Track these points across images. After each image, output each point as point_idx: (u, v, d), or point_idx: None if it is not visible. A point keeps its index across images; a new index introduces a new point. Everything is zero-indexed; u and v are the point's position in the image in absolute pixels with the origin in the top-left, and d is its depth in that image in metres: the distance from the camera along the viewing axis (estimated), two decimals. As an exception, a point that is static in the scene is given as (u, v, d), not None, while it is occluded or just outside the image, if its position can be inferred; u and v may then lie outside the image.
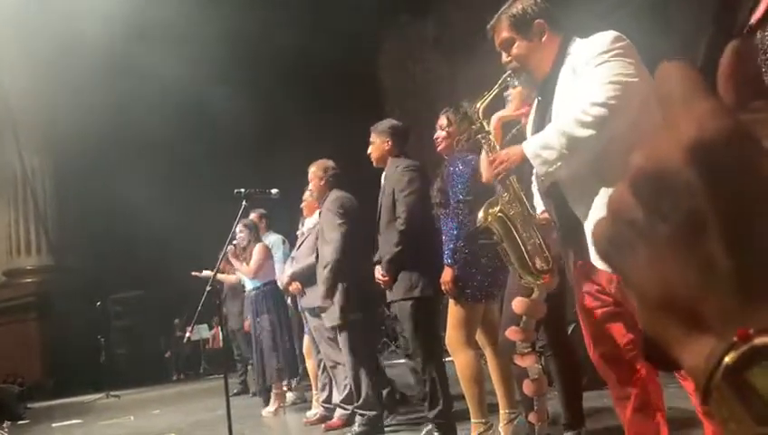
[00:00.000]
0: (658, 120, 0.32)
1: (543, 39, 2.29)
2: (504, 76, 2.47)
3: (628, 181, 0.31)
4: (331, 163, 5.06)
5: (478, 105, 2.53)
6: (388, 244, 4.08)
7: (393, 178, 4.17)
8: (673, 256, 0.29)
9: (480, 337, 3.80)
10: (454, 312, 3.65)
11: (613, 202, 0.31)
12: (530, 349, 3.03)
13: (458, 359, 3.66)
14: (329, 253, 4.66)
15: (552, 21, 2.30)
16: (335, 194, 4.85)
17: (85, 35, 10.92)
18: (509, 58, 2.35)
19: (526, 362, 3.02)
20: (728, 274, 0.27)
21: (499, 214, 2.39)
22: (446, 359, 4.06)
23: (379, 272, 4.11)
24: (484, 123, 2.56)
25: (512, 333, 3.04)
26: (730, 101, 0.31)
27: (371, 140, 4.38)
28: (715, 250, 0.28)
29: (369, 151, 4.39)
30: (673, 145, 0.29)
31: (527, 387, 3.00)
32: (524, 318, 3.01)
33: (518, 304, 3.03)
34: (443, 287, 3.63)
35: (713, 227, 0.28)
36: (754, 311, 0.27)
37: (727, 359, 0.27)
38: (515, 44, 2.31)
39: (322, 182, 4.99)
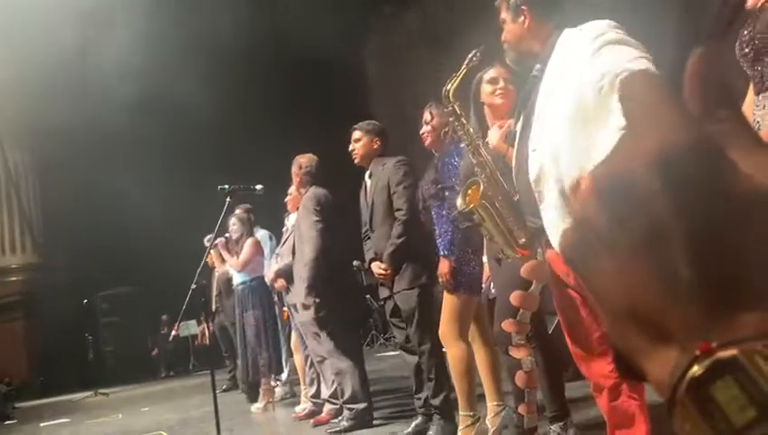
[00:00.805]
0: None
1: (525, 25, 2.30)
2: (471, 55, 2.49)
3: (593, 189, 0.30)
4: (305, 159, 5.06)
5: (448, 87, 2.54)
6: (386, 238, 4.07)
7: (385, 173, 4.18)
8: (637, 267, 0.28)
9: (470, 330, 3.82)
10: (449, 304, 3.64)
11: (579, 210, 0.31)
12: (524, 341, 3.05)
13: (452, 351, 3.65)
14: (308, 251, 4.68)
15: (539, 9, 2.30)
16: (313, 190, 4.86)
17: (67, 32, 10.82)
18: (503, 39, 2.40)
19: (520, 353, 3.04)
20: (691, 285, 0.27)
21: (482, 201, 2.39)
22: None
23: (378, 267, 4.08)
24: (456, 106, 2.57)
25: (508, 325, 3.05)
26: (696, 110, 0.31)
27: (357, 137, 4.37)
28: (679, 261, 0.27)
29: (352, 149, 4.38)
30: (638, 155, 0.29)
31: (519, 378, 3.01)
32: (521, 311, 3.03)
33: (516, 296, 3.04)
34: (440, 279, 3.62)
35: (676, 238, 0.27)
36: (718, 323, 0.27)
37: (690, 373, 0.27)
38: (505, 26, 2.34)
39: (298, 179, 5.03)
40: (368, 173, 4.36)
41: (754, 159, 0.28)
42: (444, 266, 3.58)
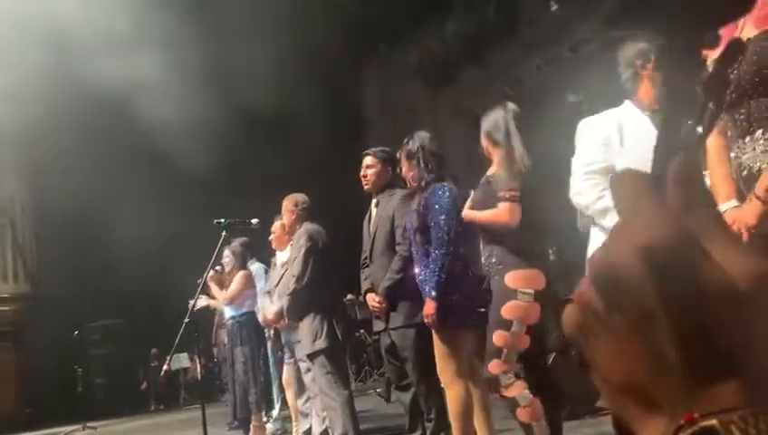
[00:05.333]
0: None
1: None
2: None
3: (590, 276, 0.35)
4: (301, 197, 5.10)
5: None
6: (384, 270, 4.03)
7: (391, 205, 4.16)
8: (629, 346, 0.33)
9: None
10: (440, 343, 3.58)
11: (579, 293, 0.35)
12: (513, 379, 3.03)
13: (452, 391, 3.56)
14: (293, 281, 4.74)
15: None
16: (305, 227, 4.89)
17: (63, 61, 10.88)
18: None
19: (514, 391, 3.01)
20: (676, 363, 0.31)
21: None
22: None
23: (373, 299, 4.03)
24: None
25: (494, 366, 3.03)
26: (677, 207, 0.35)
27: (370, 163, 4.33)
28: (664, 342, 0.32)
29: (364, 175, 4.33)
30: (627, 247, 0.33)
31: (522, 415, 2.99)
32: (506, 351, 3.02)
33: (498, 337, 3.03)
34: (426, 320, 3.55)
35: (662, 322, 0.32)
36: (700, 396, 0.31)
37: None
38: None
39: (294, 216, 5.04)
40: (374, 201, 4.34)
41: (728, 252, 0.33)
42: (429, 308, 3.51)
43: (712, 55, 0.39)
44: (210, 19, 12.04)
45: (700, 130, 0.38)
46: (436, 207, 3.60)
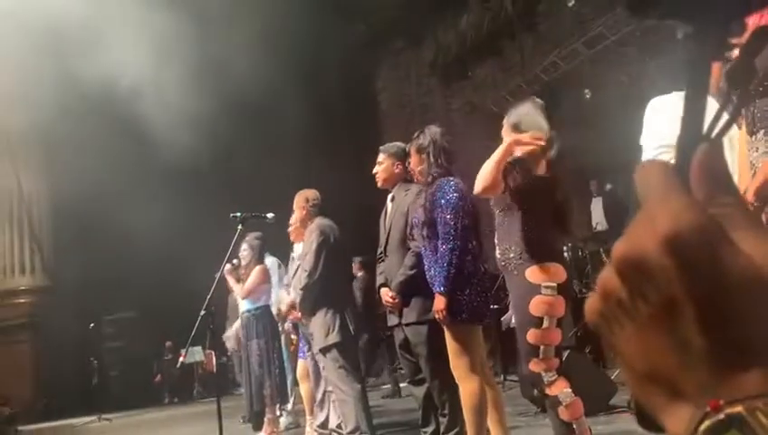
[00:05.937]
0: None
1: None
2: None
3: (614, 265, 0.35)
4: (312, 193, 5.17)
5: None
6: (398, 266, 4.03)
7: (406, 201, 4.16)
8: (654, 334, 0.33)
9: None
10: (452, 338, 3.58)
11: (602, 282, 0.35)
12: (555, 376, 3.02)
13: (466, 387, 3.55)
14: (305, 276, 4.79)
15: None
16: (317, 222, 4.95)
17: (83, 59, 10.96)
18: None
19: (556, 389, 3.01)
20: (701, 351, 0.32)
21: None
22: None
23: (387, 294, 4.03)
24: None
25: (534, 365, 3.02)
26: (701, 196, 0.35)
27: (380, 160, 4.35)
28: (690, 330, 0.32)
29: (375, 171, 4.36)
30: (651, 235, 0.33)
31: (564, 414, 2.99)
32: (542, 348, 3.01)
33: (532, 335, 3.02)
34: (436, 316, 3.55)
35: (687, 310, 0.32)
36: (725, 383, 0.31)
37: (702, 427, 0.31)
38: None
39: (305, 212, 5.10)
40: (390, 196, 4.35)
41: (753, 240, 0.33)
42: (440, 303, 3.51)
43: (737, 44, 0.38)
44: (217, 16, 12.08)
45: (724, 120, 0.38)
46: (443, 201, 3.59)
